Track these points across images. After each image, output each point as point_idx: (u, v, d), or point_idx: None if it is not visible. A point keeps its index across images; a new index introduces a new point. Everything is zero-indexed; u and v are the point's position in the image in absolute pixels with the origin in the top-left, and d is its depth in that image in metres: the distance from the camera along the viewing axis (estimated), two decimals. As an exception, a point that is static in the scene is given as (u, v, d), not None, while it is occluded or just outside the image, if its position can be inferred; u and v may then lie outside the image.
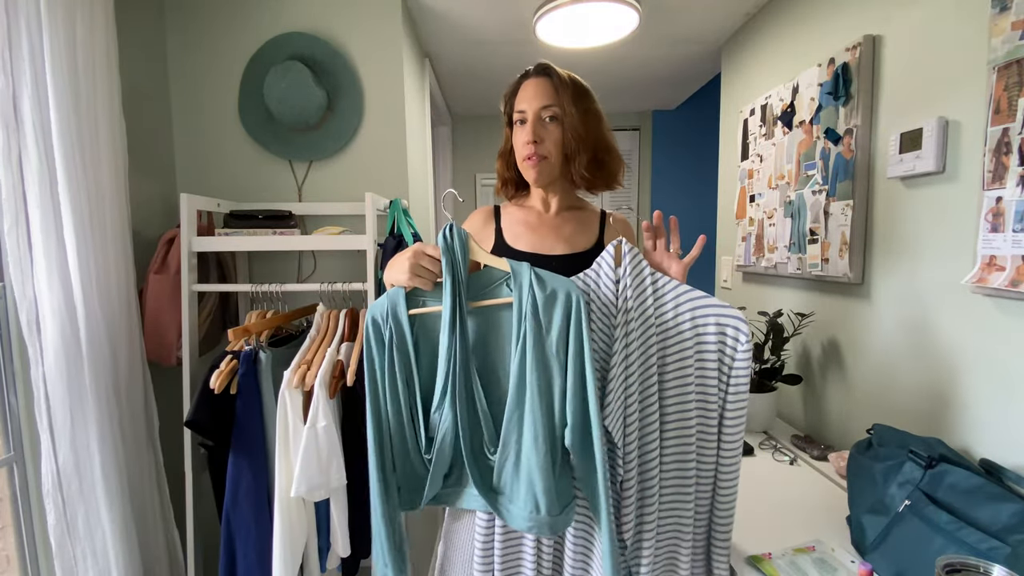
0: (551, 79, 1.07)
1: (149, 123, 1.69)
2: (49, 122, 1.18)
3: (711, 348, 0.92)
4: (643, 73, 2.70)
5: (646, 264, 0.93)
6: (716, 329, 0.92)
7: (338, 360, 1.39)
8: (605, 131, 1.12)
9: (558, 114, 1.05)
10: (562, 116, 1.05)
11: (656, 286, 0.93)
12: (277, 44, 1.75)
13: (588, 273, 0.95)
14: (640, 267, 0.92)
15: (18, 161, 1.14)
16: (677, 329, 0.92)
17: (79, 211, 1.24)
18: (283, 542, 1.28)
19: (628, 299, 0.90)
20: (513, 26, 2.08)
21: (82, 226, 1.25)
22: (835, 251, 1.45)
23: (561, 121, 1.06)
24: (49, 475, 1.20)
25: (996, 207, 0.99)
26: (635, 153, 3.53)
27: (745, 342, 0.90)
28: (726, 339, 0.92)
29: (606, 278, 0.92)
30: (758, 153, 1.88)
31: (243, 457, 1.34)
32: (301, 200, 1.82)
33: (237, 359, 1.34)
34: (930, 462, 0.93)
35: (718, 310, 0.92)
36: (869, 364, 1.40)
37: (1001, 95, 0.97)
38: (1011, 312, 0.99)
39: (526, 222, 1.13)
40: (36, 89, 1.15)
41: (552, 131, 1.06)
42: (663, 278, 0.94)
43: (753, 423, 1.62)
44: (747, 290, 2.08)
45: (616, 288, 0.91)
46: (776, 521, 1.12)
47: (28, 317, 1.17)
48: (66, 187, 1.20)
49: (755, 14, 1.98)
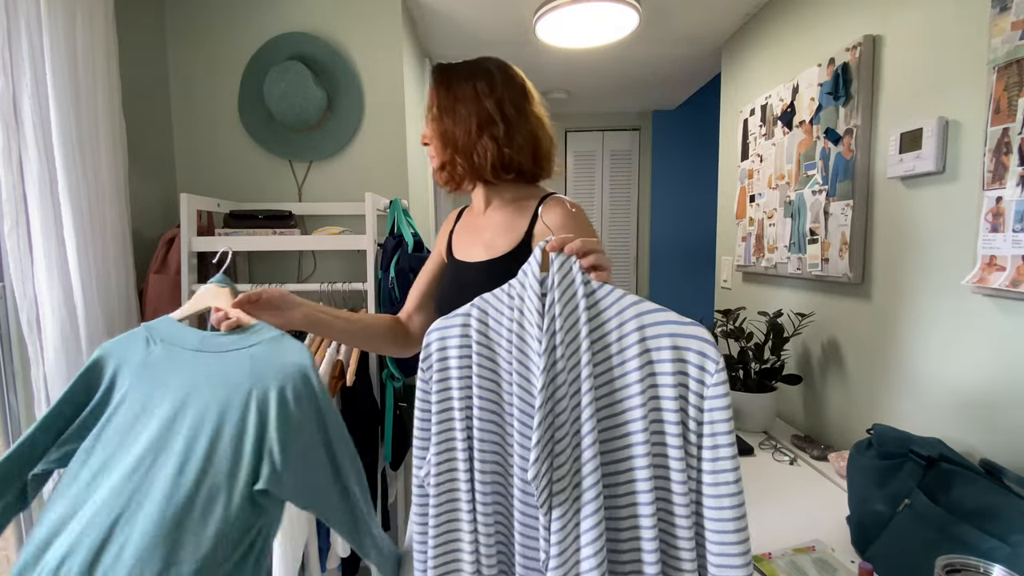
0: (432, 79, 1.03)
1: (149, 123, 1.69)
2: (49, 122, 1.18)
3: (667, 383, 0.66)
4: (643, 73, 2.70)
5: (576, 267, 0.70)
6: (672, 355, 0.66)
7: (338, 360, 1.39)
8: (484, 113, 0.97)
9: (430, 115, 1.02)
10: (433, 115, 1.01)
11: (593, 297, 0.70)
12: (277, 44, 1.75)
13: (513, 284, 0.74)
14: (568, 273, 0.70)
15: (18, 161, 1.14)
16: (621, 357, 0.68)
17: (79, 211, 1.24)
18: (282, 542, 1.28)
19: (556, 317, 0.69)
20: (513, 26, 2.08)
21: (82, 226, 1.24)
22: (835, 251, 1.45)
23: (434, 120, 1.01)
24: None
25: (996, 207, 0.99)
26: (635, 153, 3.53)
27: (716, 372, 0.64)
28: (688, 368, 0.66)
29: (531, 291, 0.71)
30: (758, 153, 1.88)
31: None
32: (301, 200, 1.82)
33: None
34: (930, 462, 0.93)
35: (674, 327, 0.66)
36: (869, 364, 1.40)
37: (1001, 95, 0.97)
38: (1011, 312, 0.99)
39: (464, 224, 1.10)
40: (36, 89, 1.15)
41: (431, 135, 1.02)
42: (603, 286, 0.71)
43: (753, 423, 1.62)
44: (747, 290, 2.09)
45: (543, 304, 0.70)
46: (776, 521, 1.12)
47: (28, 317, 1.17)
48: (66, 187, 1.20)
49: (755, 14, 1.98)
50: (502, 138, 0.97)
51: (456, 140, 0.99)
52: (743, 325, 1.69)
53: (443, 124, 1.00)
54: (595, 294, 0.71)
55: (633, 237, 3.57)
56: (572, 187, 3.55)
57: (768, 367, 1.64)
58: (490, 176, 0.99)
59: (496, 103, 0.97)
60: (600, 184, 3.56)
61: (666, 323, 0.67)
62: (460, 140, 0.98)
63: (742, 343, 1.66)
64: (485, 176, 1.00)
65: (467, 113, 0.97)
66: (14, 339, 1.22)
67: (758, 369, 1.65)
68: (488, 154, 0.97)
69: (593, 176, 3.56)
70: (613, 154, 3.54)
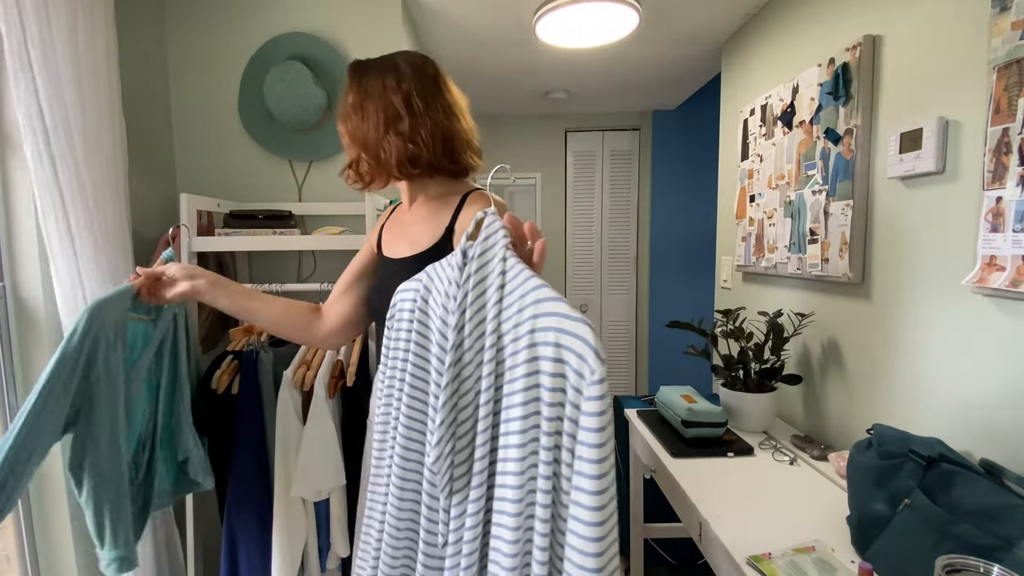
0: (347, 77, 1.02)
1: (149, 123, 1.69)
2: (49, 122, 1.18)
3: (546, 385, 0.57)
4: (643, 73, 2.70)
5: (503, 237, 0.64)
6: (554, 353, 0.56)
7: (338, 360, 1.39)
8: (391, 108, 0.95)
9: (342, 114, 1.00)
10: (345, 113, 0.99)
11: (507, 274, 0.63)
12: (277, 44, 1.75)
13: (435, 264, 0.75)
14: (493, 241, 0.64)
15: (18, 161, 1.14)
16: (514, 347, 0.60)
17: (79, 211, 1.24)
18: (282, 542, 1.28)
19: (468, 293, 0.63)
20: (513, 26, 2.08)
21: (82, 226, 1.25)
22: (835, 251, 1.45)
23: (345, 119, 1.00)
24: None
25: (996, 207, 0.99)
26: (635, 153, 3.53)
27: (591, 383, 0.52)
28: (568, 372, 0.55)
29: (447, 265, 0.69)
30: (758, 153, 1.88)
31: (244, 457, 1.35)
32: (301, 200, 1.82)
33: (238, 359, 1.35)
34: (930, 462, 0.93)
35: (561, 321, 0.56)
36: (869, 364, 1.40)
37: (1001, 95, 0.97)
38: (1011, 312, 0.99)
39: (393, 220, 1.10)
40: (36, 89, 1.15)
41: (343, 133, 1.01)
42: (517, 264, 0.63)
43: (753, 423, 1.62)
44: (747, 290, 2.09)
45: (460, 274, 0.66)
46: (776, 521, 1.12)
47: (28, 317, 1.17)
48: (66, 187, 1.20)
49: (755, 14, 1.98)
50: (407, 133, 0.95)
51: (365, 137, 0.97)
52: (743, 325, 1.69)
53: (352, 122, 0.98)
54: (510, 270, 0.63)
55: (633, 237, 3.57)
56: (572, 187, 3.55)
57: (768, 367, 1.64)
58: (396, 173, 0.98)
59: (403, 97, 0.96)
60: (600, 184, 3.56)
61: (555, 315, 0.57)
62: (368, 137, 0.97)
63: (742, 343, 1.66)
64: (392, 173, 0.98)
65: (375, 109, 0.96)
66: (14, 339, 1.22)
67: (758, 369, 1.65)
68: (394, 150, 0.96)
69: (593, 176, 3.56)
70: (613, 154, 3.54)
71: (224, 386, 1.30)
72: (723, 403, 1.67)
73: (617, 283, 3.61)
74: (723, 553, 1.05)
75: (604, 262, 3.60)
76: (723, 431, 1.52)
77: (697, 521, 1.20)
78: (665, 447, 1.51)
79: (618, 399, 2.27)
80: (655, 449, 1.53)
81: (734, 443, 1.50)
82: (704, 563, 2.20)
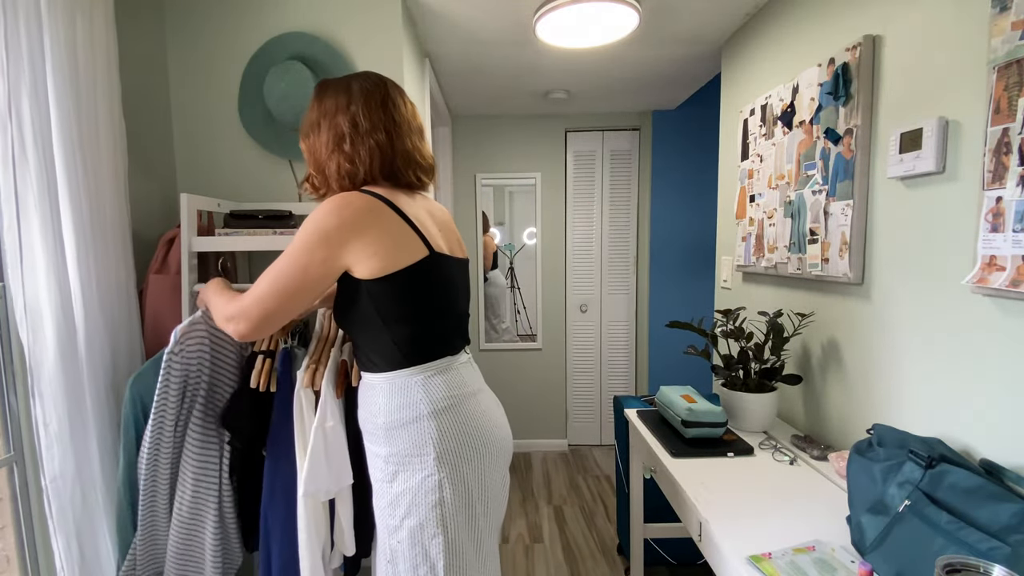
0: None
1: (149, 123, 1.69)
2: (49, 122, 1.18)
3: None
4: (643, 73, 2.70)
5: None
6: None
7: (343, 361, 1.39)
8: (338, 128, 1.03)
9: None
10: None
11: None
12: (277, 44, 1.75)
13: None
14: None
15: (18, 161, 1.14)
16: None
17: (79, 211, 1.24)
18: (309, 539, 1.28)
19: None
20: (513, 26, 2.08)
21: (82, 226, 1.25)
22: (835, 251, 1.45)
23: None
24: (49, 475, 1.20)
25: (996, 207, 0.99)
26: (635, 153, 3.53)
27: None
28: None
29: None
30: (758, 153, 1.88)
31: (280, 455, 1.34)
32: (301, 200, 1.81)
33: (270, 358, 1.37)
34: (930, 462, 0.93)
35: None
36: (869, 364, 1.40)
37: (1001, 95, 0.97)
38: (1011, 312, 0.99)
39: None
40: (36, 89, 1.15)
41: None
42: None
43: (753, 423, 1.62)
44: (747, 290, 2.09)
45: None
46: (776, 521, 1.12)
47: (28, 317, 1.17)
48: (66, 187, 1.20)
49: (755, 14, 1.98)
50: (348, 152, 1.02)
51: (317, 154, 1.05)
52: (743, 325, 1.69)
53: (309, 139, 1.06)
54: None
55: (633, 237, 3.57)
56: (572, 187, 3.55)
57: (768, 367, 1.64)
58: (336, 188, 1.05)
59: (351, 118, 1.02)
60: (600, 184, 3.56)
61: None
62: (320, 154, 1.05)
63: (742, 343, 1.66)
64: (333, 188, 1.05)
65: (326, 127, 1.04)
66: (14, 339, 1.22)
67: (758, 369, 1.65)
68: (337, 168, 1.04)
69: (593, 176, 3.56)
70: (613, 154, 3.54)
71: (264, 385, 1.34)
72: (723, 403, 1.67)
73: (617, 283, 3.61)
74: (723, 553, 1.05)
75: (604, 262, 3.60)
76: (723, 431, 1.53)
77: (697, 521, 1.20)
78: (665, 447, 1.51)
79: (618, 399, 2.27)
80: (655, 449, 1.53)
81: (734, 443, 1.51)
82: (704, 563, 2.20)
